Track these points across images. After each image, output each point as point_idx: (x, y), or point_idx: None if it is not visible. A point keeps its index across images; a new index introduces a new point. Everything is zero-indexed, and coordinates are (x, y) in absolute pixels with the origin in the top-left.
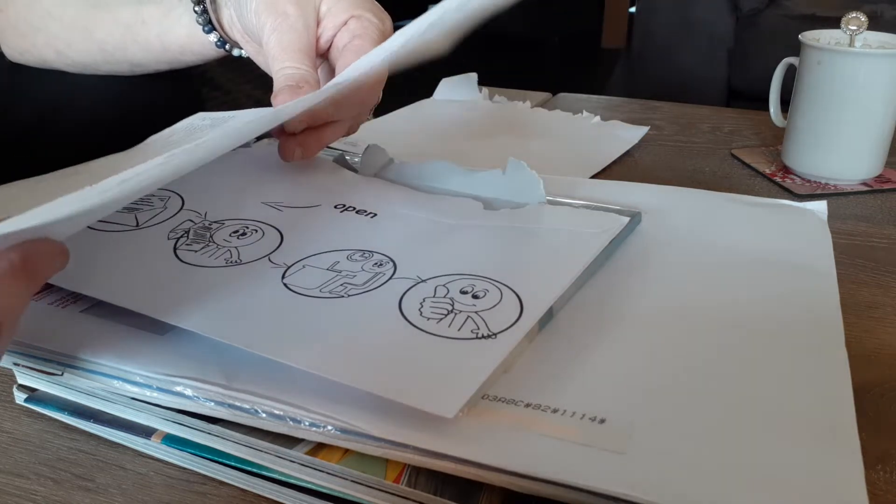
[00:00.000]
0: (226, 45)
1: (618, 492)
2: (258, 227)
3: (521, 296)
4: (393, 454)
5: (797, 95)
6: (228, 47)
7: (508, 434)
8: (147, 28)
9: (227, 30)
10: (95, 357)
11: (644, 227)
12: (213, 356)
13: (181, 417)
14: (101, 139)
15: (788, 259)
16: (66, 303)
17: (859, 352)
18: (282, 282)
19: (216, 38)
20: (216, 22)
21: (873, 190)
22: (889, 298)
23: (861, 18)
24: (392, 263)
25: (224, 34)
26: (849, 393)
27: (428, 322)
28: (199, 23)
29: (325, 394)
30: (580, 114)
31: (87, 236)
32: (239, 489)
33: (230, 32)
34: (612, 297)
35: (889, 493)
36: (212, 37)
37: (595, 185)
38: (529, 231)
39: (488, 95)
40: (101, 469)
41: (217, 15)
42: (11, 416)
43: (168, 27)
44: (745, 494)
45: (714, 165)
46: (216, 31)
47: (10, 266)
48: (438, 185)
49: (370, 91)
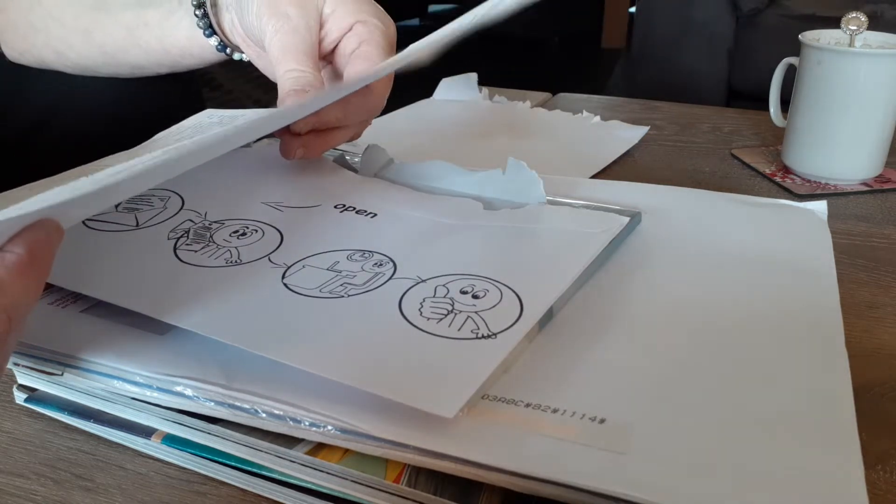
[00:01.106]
0: (226, 50)
1: (618, 492)
2: (258, 227)
3: (521, 296)
4: (393, 454)
5: (797, 95)
6: (229, 51)
7: (508, 434)
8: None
9: (228, 34)
10: (95, 357)
11: (644, 227)
12: (213, 356)
13: (181, 417)
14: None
15: (788, 259)
16: (66, 303)
17: (859, 352)
18: (282, 282)
19: (217, 42)
20: (217, 26)
21: (873, 190)
22: (889, 298)
23: (861, 18)
24: (392, 263)
25: (225, 38)
26: (849, 393)
27: (428, 322)
28: (199, 26)
29: (325, 394)
30: (580, 114)
31: (87, 236)
32: (239, 489)
33: (231, 36)
34: (612, 297)
35: (889, 493)
36: (212, 41)
37: (595, 185)
38: (529, 231)
39: (488, 95)
40: (101, 469)
41: (218, 19)
42: (11, 416)
43: (169, 30)
44: (745, 494)
45: (714, 165)
46: (217, 35)
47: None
48: (438, 185)
49: (378, 98)
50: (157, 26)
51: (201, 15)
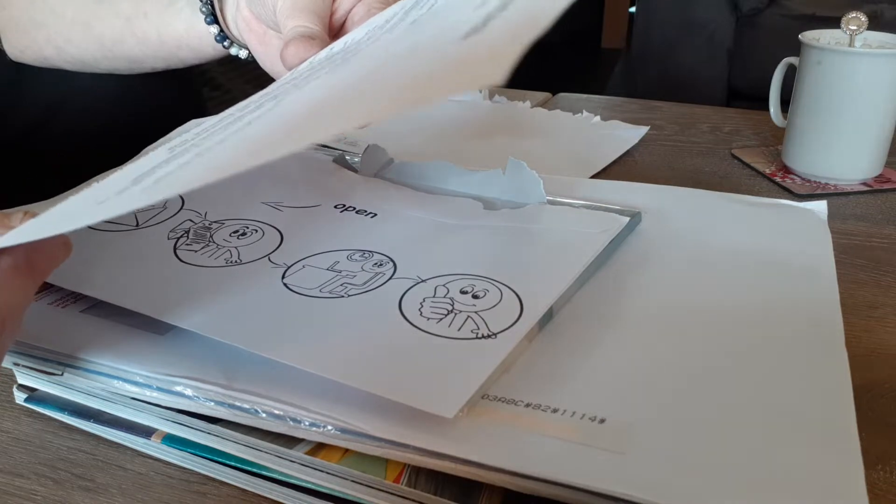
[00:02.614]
0: (225, 42)
1: (617, 492)
2: (258, 227)
3: (521, 296)
4: (393, 454)
5: (797, 95)
6: (227, 44)
7: (508, 434)
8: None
9: (231, 24)
10: (95, 357)
11: (644, 227)
12: (213, 356)
13: (181, 417)
14: (101, 139)
15: (788, 259)
16: (66, 303)
17: (859, 352)
18: (282, 282)
19: (217, 31)
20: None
21: (873, 190)
22: (889, 298)
23: (861, 18)
24: (392, 263)
25: (226, 28)
26: (849, 393)
27: (428, 322)
28: (202, 12)
29: (325, 394)
30: (580, 114)
31: (87, 236)
32: (239, 489)
33: (232, 27)
34: (612, 297)
35: (889, 493)
36: (213, 29)
37: (595, 185)
38: (529, 231)
39: (488, 95)
40: (101, 469)
41: (221, 4)
42: (11, 416)
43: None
44: (745, 494)
45: (714, 165)
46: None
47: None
48: (438, 185)
49: None
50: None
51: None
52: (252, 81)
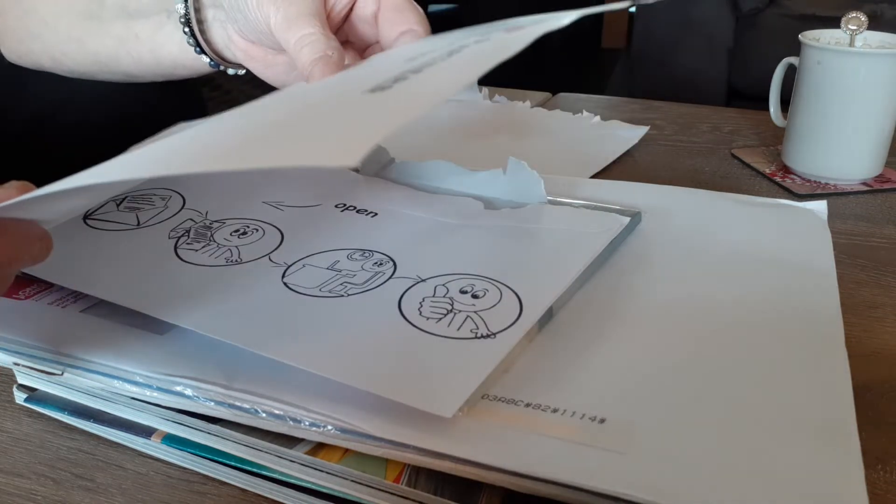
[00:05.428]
0: (220, 66)
1: (618, 491)
2: (259, 227)
3: (520, 296)
4: (393, 454)
5: (797, 95)
6: (223, 67)
7: (508, 434)
8: (140, 43)
9: (222, 49)
10: (95, 357)
11: (644, 227)
12: (213, 356)
13: (181, 417)
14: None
15: (788, 259)
16: (66, 303)
17: (859, 352)
18: (282, 281)
19: (209, 60)
20: (204, 43)
21: (873, 190)
22: (889, 298)
23: (861, 18)
24: (392, 263)
25: (215, 54)
26: (849, 393)
27: (427, 321)
28: (189, 44)
29: (325, 394)
30: (580, 114)
31: (87, 235)
32: (239, 489)
33: (224, 52)
34: (612, 297)
35: (889, 493)
36: (204, 58)
37: (595, 185)
38: (529, 231)
39: (488, 95)
40: (101, 469)
41: (206, 36)
42: (11, 416)
43: (160, 43)
44: (745, 494)
45: (714, 165)
46: (205, 53)
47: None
48: (439, 184)
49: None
50: (149, 39)
51: (189, 33)
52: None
